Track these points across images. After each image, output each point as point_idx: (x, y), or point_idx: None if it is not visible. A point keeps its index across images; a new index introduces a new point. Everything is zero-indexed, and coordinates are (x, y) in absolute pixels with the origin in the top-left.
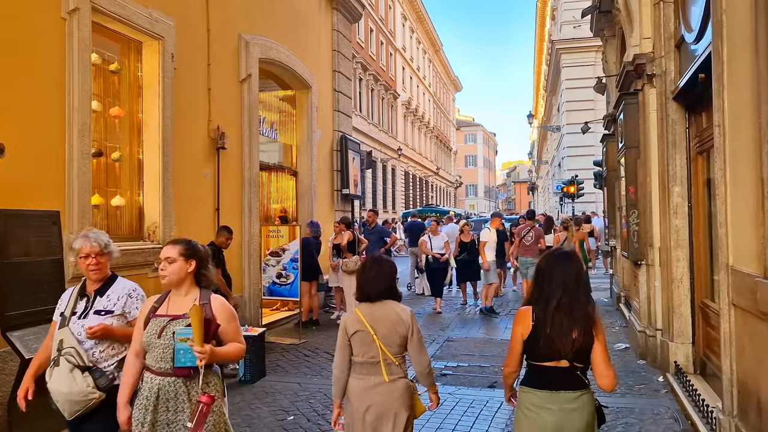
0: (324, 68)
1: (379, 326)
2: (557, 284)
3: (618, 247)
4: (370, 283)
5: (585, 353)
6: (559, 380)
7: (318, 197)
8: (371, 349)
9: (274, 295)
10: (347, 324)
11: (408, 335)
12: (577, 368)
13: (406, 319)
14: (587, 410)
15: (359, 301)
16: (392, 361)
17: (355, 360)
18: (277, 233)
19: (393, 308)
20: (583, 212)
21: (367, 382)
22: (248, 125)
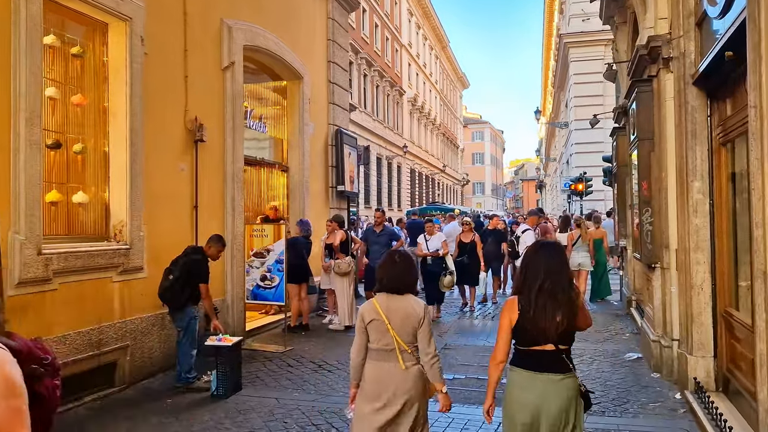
0: (318, 58)
1: (393, 317)
2: (540, 271)
3: (629, 247)
4: (390, 276)
5: (569, 337)
6: (544, 363)
7: (311, 194)
8: (385, 337)
9: (258, 299)
10: (364, 312)
11: (418, 326)
12: (562, 351)
13: (419, 312)
14: (568, 393)
15: (377, 291)
16: (405, 349)
17: (370, 346)
18: (262, 232)
19: (408, 301)
20: (593, 210)
21: (382, 368)
22: (232, 117)
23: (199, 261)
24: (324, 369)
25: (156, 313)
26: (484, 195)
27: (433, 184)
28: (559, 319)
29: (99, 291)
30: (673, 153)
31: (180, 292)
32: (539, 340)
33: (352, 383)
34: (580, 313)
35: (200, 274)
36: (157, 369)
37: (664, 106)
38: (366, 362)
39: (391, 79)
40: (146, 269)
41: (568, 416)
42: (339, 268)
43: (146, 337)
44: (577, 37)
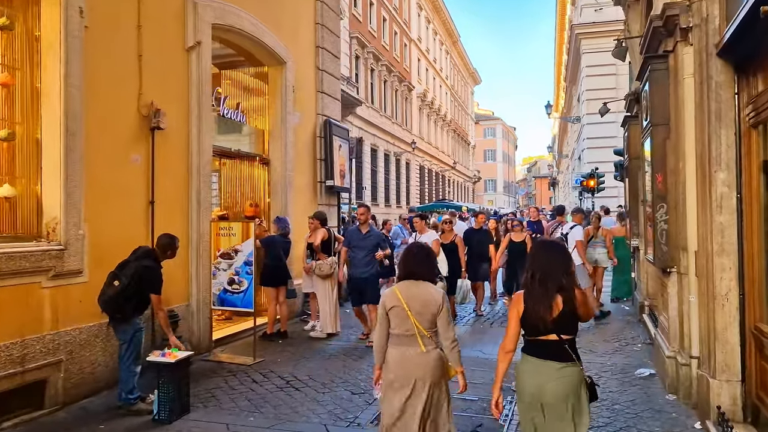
0: (304, 43)
1: (413, 303)
2: (539, 265)
3: (641, 247)
4: (408, 265)
5: (569, 324)
6: (548, 351)
7: (295, 189)
8: (406, 323)
9: (226, 304)
10: (386, 300)
11: (438, 313)
12: (565, 341)
13: (438, 299)
14: (571, 381)
15: (400, 279)
16: (425, 334)
17: (392, 332)
18: (229, 231)
19: (427, 288)
20: (602, 206)
21: (404, 352)
22: (197, 103)
23: (151, 268)
24: (291, 386)
25: (100, 323)
26: (496, 192)
27: (443, 181)
28: (554, 309)
29: (23, 299)
30: (692, 139)
31: (126, 303)
32: (541, 330)
33: (376, 365)
34: (579, 303)
35: (153, 284)
36: (102, 385)
37: (682, 85)
38: (389, 346)
39: (399, 74)
40: (87, 273)
41: (568, 404)
42: (320, 269)
43: (86, 350)
44: (589, 27)
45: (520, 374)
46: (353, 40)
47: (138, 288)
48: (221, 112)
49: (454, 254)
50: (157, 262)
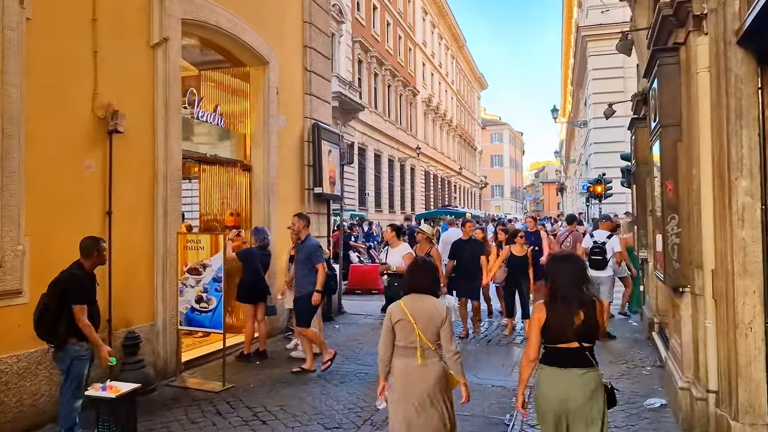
0: (291, 43)
1: (418, 316)
2: (560, 283)
3: (650, 259)
4: (412, 279)
5: (591, 334)
6: (569, 359)
7: (280, 197)
8: (411, 336)
9: (193, 324)
10: (392, 313)
11: (441, 325)
12: (585, 348)
13: (442, 312)
14: (592, 385)
15: (405, 293)
16: (429, 347)
17: (397, 344)
18: (197, 244)
19: (431, 302)
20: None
21: (408, 363)
22: (165, 104)
23: (71, 275)
24: (258, 419)
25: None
26: (503, 198)
27: (449, 187)
28: (578, 319)
29: None
30: (708, 141)
31: (55, 324)
32: (563, 339)
33: (380, 376)
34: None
35: (73, 292)
36: (46, 418)
37: (695, 80)
38: (393, 358)
39: (404, 79)
40: (28, 293)
41: (592, 408)
42: None
43: (26, 380)
44: (596, 29)
45: (543, 383)
46: (356, 44)
47: (62, 304)
48: (195, 114)
49: None
50: (83, 269)
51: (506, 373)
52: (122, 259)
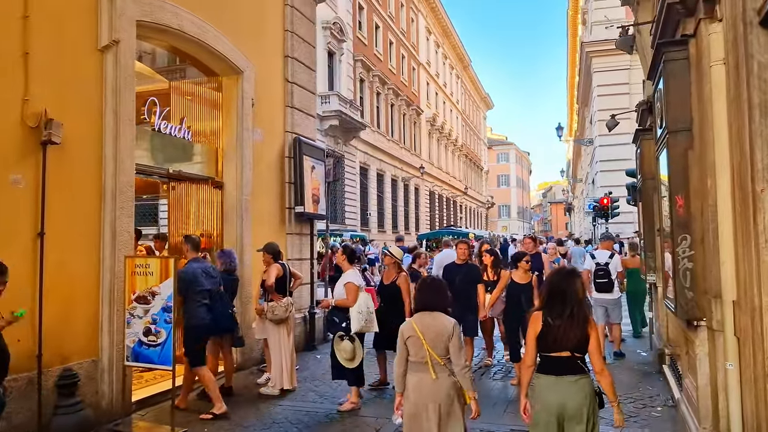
0: (270, 52)
1: (427, 332)
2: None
3: (659, 284)
4: (422, 297)
5: (583, 345)
6: (562, 367)
7: (256, 217)
8: (421, 351)
9: (141, 360)
10: (403, 330)
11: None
12: (577, 357)
13: (450, 328)
14: (585, 390)
15: (415, 311)
16: (438, 362)
17: (410, 359)
18: (146, 269)
19: (440, 319)
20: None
21: (419, 378)
22: (115, 113)
23: None
24: None
25: None
26: (510, 218)
27: (454, 207)
28: (574, 332)
29: None
30: (725, 147)
31: None
32: (558, 348)
33: (397, 391)
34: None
35: None
36: None
37: (709, 76)
38: (408, 374)
39: (407, 98)
40: None
41: (585, 412)
42: (273, 312)
43: None
44: (600, 45)
45: (540, 392)
46: (357, 63)
47: None
48: (156, 126)
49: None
50: None
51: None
52: (57, 286)
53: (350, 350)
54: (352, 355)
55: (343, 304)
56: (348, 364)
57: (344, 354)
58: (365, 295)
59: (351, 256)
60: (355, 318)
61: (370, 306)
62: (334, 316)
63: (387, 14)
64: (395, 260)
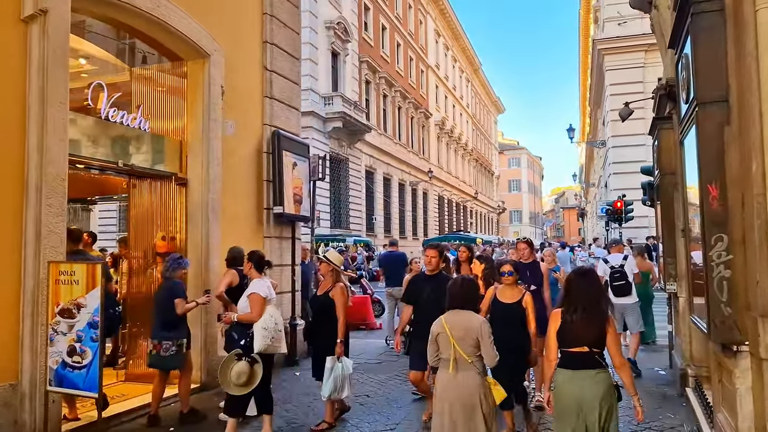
0: (245, 36)
1: (455, 330)
2: (580, 292)
3: (680, 293)
4: (453, 295)
5: (601, 341)
6: (581, 361)
7: (227, 218)
8: (449, 348)
9: (65, 384)
10: (434, 328)
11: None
12: (595, 352)
13: (477, 326)
14: (603, 385)
15: (447, 309)
16: (465, 359)
17: (440, 355)
18: (71, 277)
19: (468, 316)
20: (627, 238)
21: (445, 374)
22: (41, 95)
23: None
24: None
25: None
26: (522, 223)
27: (464, 212)
28: (592, 330)
29: None
30: None
31: None
32: (576, 344)
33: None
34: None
35: None
36: None
37: (753, 25)
38: (438, 370)
39: (415, 101)
40: None
41: (603, 404)
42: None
43: None
44: (613, 42)
45: (560, 385)
46: (363, 64)
47: None
48: (103, 113)
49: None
50: None
51: None
52: None
53: (246, 373)
54: (247, 380)
55: (246, 319)
56: (239, 390)
57: (238, 378)
58: (274, 310)
59: (259, 263)
60: (259, 335)
61: (279, 322)
62: (234, 332)
63: (394, 15)
64: (333, 267)
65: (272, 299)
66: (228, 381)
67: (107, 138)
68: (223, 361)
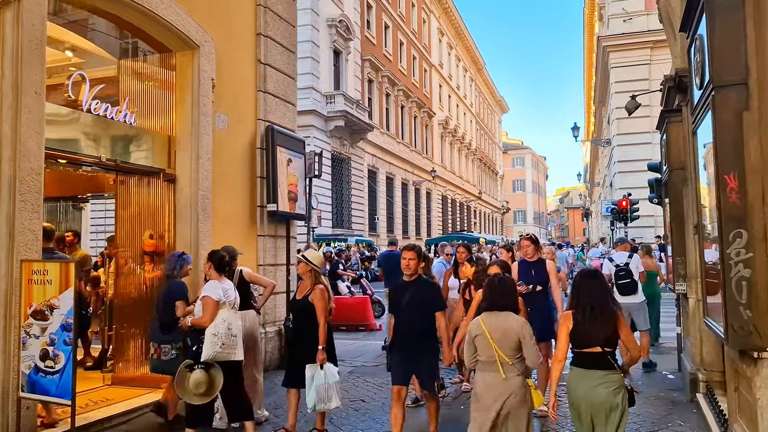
0: (237, 28)
1: (494, 332)
2: (588, 292)
3: (691, 294)
4: (491, 296)
5: (612, 341)
6: (593, 362)
7: (219, 216)
8: (489, 350)
9: (37, 390)
10: (472, 328)
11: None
12: (607, 353)
13: (518, 328)
14: (613, 387)
15: (484, 310)
16: (506, 361)
17: (478, 358)
18: (44, 276)
19: (508, 318)
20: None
21: (487, 377)
22: (14, 85)
23: None
24: None
25: None
26: (526, 223)
27: (468, 212)
28: (604, 329)
29: None
30: None
31: None
32: (589, 344)
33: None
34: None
35: None
36: None
37: None
38: (477, 372)
39: (418, 100)
40: None
41: (613, 406)
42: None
43: None
44: (618, 39)
45: (571, 383)
46: (365, 63)
47: None
48: (85, 105)
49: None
50: None
51: None
52: None
53: (205, 382)
54: (207, 388)
55: (198, 324)
56: (201, 399)
57: (197, 387)
58: (230, 314)
59: (220, 264)
60: (208, 341)
61: (233, 327)
62: (189, 337)
63: (397, 14)
64: (312, 268)
65: (228, 302)
66: (187, 391)
67: (89, 131)
68: (178, 371)
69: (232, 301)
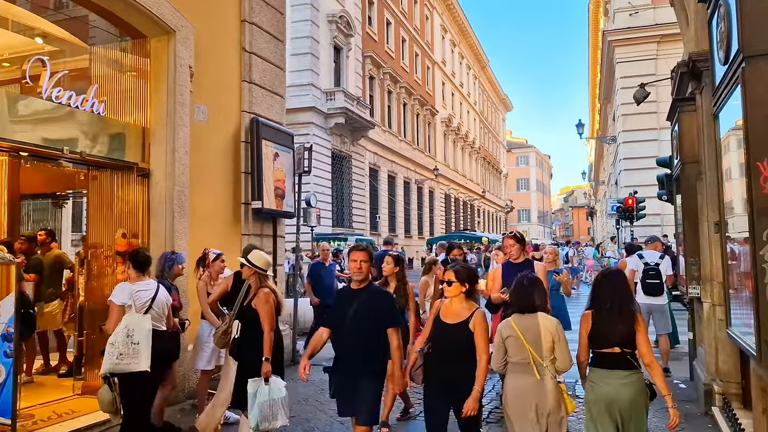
0: (219, 13)
1: (527, 333)
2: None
3: (705, 298)
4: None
5: (631, 341)
6: (613, 362)
7: (197, 213)
8: (521, 352)
9: None
10: (502, 329)
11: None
12: (627, 353)
13: (552, 329)
14: (636, 387)
15: (513, 312)
16: (540, 363)
17: (509, 360)
18: None
19: (540, 318)
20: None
21: (520, 380)
22: None
23: None
24: None
25: None
26: (530, 222)
27: (471, 211)
28: (619, 327)
29: None
30: None
31: None
32: (608, 344)
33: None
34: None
35: None
36: None
37: None
38: (507, 374)
39: (421, 98)
40: None
41: (635, 406)
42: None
43: None
44: (624, 34)
45: (593, 384)
46: (367, 60)
47: None
48: (45, 93)
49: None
50: None
51: None
52: None
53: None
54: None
55: (105, 331)
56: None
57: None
58: (135, 319)
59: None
60: (106, 353)
61: (135, 334)
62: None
63: (399, 10)
64: (256, 271)
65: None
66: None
67: (51, 121)
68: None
69: (142, 303)
